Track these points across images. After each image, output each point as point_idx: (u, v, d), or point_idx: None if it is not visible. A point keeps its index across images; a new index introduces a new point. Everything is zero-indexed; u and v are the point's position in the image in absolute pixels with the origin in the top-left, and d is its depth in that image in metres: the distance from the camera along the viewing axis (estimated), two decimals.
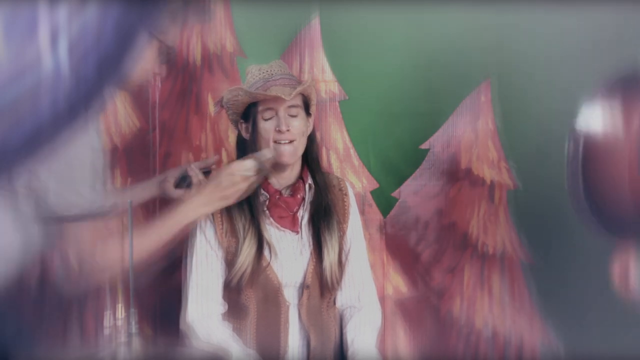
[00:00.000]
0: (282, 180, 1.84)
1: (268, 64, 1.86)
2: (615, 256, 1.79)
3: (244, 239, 1.74)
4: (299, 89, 1.76)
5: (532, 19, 2.25)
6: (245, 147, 1.83)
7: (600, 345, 2.17)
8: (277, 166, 1.80)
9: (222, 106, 1.89)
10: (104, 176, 1.41)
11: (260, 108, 1.77)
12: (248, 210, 1.77)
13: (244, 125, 1.83)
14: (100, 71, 0.74)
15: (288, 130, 1.75)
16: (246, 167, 1.61)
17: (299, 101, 1.79)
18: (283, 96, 1.72)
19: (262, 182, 1.80)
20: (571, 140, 1.74)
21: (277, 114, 1.76)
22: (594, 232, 1.76)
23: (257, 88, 1.76)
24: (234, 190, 1.61)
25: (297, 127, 1.78)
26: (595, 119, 1.71)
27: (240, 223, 1.76)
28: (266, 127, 1.77)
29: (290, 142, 1.77)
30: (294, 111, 1.78)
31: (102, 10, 0.71)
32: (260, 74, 1.80)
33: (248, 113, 1.80)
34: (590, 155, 1.70)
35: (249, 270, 1.73)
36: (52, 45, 0.69)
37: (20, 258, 1.46)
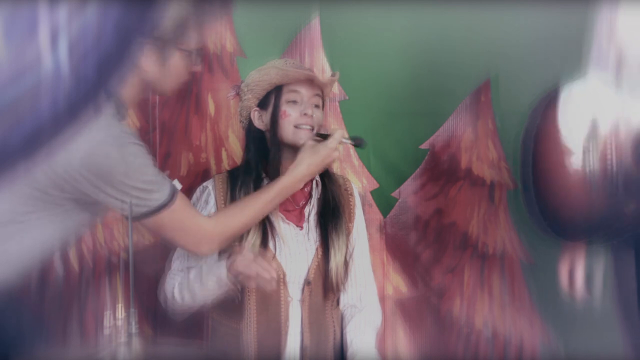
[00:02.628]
0: None
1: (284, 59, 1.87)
2: (562, 257, 1.82)
3: (249, 229, 1.73)
4: (332, 77, 1.80)
5: (531, 19, 2.26)
6: (255, 137, 1.81)
7: (599, 345, 2.17)
8: (290, 154, 1.80)
9: (237, 93, 1.86)
10: (151, 168, 1.46)
11: (285, 90, 1.77)
12: None
13: (257, 114, 1.80)
14: (100, 71, 0.74)
15: (312, 116, 1.76)
16: (340, 135, 1.73)
17: (320, 93, 1.80)
18: (320, 78, 1.74)
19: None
20: (523, 142, 1.77)
21: (302, 99, 1.76)
22: (544, 234, 1.79)
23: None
24: (336, 157, 1.75)
25: (318, 117, 1.79)
26: (548, 121, 1.74)
27: None
28: (289, 110, 1.76)
29: (311, 128, 1.77)
30: (316, 101, 1.78)
31: (102, 11, 0.71)
32: (287, 63, 1.80)
33: (266, 100, 1.79)
34: (542, 157, 1.73)
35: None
36: (52, 45, 0.69)
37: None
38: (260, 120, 1.80)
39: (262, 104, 1.79)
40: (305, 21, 2.28)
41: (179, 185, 1.74)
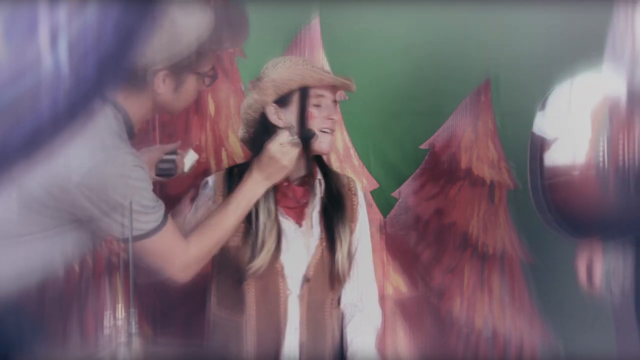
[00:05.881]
0: (292, 174, 1.81)
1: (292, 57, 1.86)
2: (579, 254, 1.81)
3: (264, 241, 1.73)
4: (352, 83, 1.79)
5: (531, 19, 2.26)
6: (270, 133, 1.76)
7: (599, 344, 2.17)
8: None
9: (253, 87, 1.82)
10: (150, 193, 1.45)
11: (312, 93, 1.76)
12: (274, 208, 1.75)
13: (273, 109, 1.76)
14: (100, 71, 0.74)
15: (335, 120, 1.78)
16: (286, 136, 1.68)
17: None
18: (352, 86, 1.75)
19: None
20: (531, 140, 1.77)
21: (326, 103, 1.76)
22: (555, 233, 1.78)
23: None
24: (288, 159, 1.68)
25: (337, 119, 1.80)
26: (555, 118, 1.73)
27: (261, 220, 1.73)
28: (315, 113, 1.76)
29: (332, 131, 1.78)
30: (334, 104, 1.80)
31: (102, 11, 0.71)
32: (306, 62, 1.79)
33: (286, 99, 1.76)
34: (550, 156, 1.72)
35: (264, 267, 1.73)
36: (52, 45, 0.69)
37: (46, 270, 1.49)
38: (277, 117, 1.78)
39: (280, 102, 1.78)
40: (305, 21, 2.28)
41: (194, 155, 1.76)
